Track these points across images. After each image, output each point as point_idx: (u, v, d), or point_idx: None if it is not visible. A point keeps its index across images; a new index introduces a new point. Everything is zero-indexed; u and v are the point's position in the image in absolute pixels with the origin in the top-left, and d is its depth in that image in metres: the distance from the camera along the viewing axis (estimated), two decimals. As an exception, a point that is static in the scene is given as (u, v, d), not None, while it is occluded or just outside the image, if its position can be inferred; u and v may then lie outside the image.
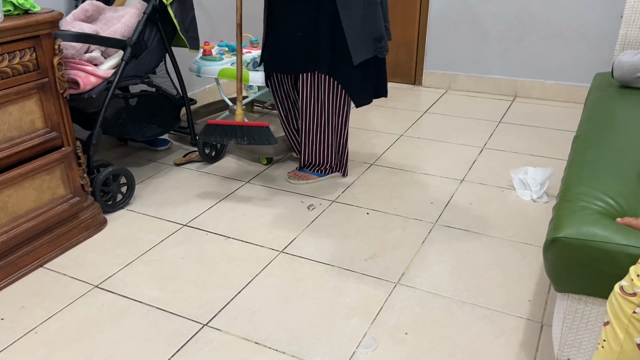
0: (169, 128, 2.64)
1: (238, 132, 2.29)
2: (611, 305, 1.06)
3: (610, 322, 1.06)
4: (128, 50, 2.22)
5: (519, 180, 2.41)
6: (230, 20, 3.67)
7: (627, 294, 1.03)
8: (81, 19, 2.29)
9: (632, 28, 2.37)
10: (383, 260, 1.96)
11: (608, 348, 1.06)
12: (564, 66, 3.52)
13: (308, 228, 2.16)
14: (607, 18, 3.30)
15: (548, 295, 1.76)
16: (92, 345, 1.58)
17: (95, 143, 2.19)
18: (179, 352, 1.55)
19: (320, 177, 2.54)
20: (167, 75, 2.79)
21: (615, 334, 1.05)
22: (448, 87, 3.89)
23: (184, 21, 2.45)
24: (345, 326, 1.64)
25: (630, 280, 1.02)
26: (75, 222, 2.06)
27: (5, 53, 1.71)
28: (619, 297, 1.04)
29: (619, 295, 1.04)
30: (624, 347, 1.04)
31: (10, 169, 1.80)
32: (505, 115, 3.37)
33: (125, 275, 1.89)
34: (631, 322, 1.02)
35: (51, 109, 1.90)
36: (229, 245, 2.06)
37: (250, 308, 1.72)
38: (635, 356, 1.04)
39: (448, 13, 3.69)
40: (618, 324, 1.04)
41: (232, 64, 2.81)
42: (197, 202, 2.37)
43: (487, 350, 1.55)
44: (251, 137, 2.29)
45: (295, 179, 2.51)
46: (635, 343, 1.03)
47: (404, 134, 3.09)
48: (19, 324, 1.66)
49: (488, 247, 2.02)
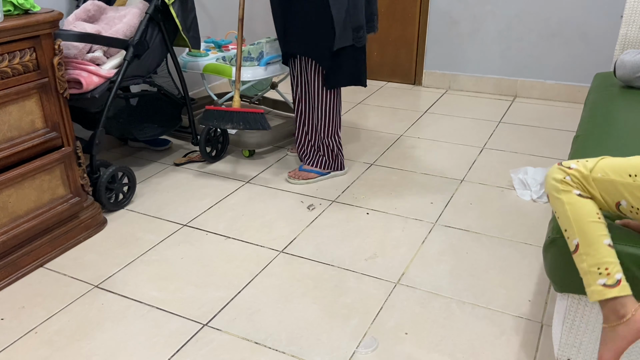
0: (169, 128, 2.65)
1: (235, 118, 2.44)
2: (548, 185, 1.23)
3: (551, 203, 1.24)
4: (130, 50, 2.22)
5: (519, 180, 2.41)
6: (230, 19, 3.67)
7: (563, 166, 1.21)
8: (83, 19, 2.29)
9: (632, 28, 2.37)
10: (383, 260, 1.96)
11: (560, 211, 1.21)
12: (564, 66, 3.52)
13: (308, 228, 2.16)
14: (607, 18, 3.30)
15: (548, 295, 1.76)
16: (92, 345, 1.58)
17: (98, 142, 2.19)
18: (179, 352, 1.55)
19: (320, 175, 2.54)
20: (168, 75, 2.80)
21: (556, 202, 1.21)
22: (448, 87, 3.89)
23: (186, 21, 2.45)
24: (345, 326, 1.64)
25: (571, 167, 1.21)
26: (75, 222, 2.06)
27: (5, 53, 1.71)
28: (555, 171, 1.22)
29: (556, 168, 1.22)
30: (568, 202, 1.19)
31: (10, 169, 1.80)
32: (505, 115, 3.37)
33: (125, 275, 1.89)
34: (564, 185, 1.20)
35: (51, 109, 1.90)
36: (229, 245, 2.06)
37: (250, 308, 1.72)
38: (579, 204, 1.18)
39: (448, 13, 3.69)
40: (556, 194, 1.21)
41: (217, 59, 2.86)
42: (197, 202, 2.37)
43: (487, 350, 1.55)
44: (247, 122, 2.43)
45: (295, 178, 2.52)
46: (575, 194, 1.19)
47: (404, 134, 3.09)
48: (19, 324, 1.66)
49: (488, 247, 2.02)
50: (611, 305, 1.14)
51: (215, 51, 2.96)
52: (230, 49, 3.02)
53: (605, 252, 1.14)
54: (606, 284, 1.13)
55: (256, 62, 2.79)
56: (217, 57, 2.88)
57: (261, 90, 3.18)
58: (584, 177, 1.19)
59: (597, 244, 1.15)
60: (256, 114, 2.42)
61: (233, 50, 2.97)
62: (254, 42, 2.90)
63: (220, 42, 3.04)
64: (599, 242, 1.15)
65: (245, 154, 2.79)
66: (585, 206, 1.17)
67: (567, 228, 1.19)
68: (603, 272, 1.13)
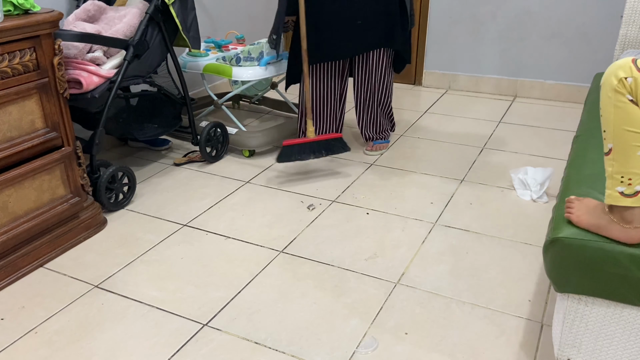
0: (169, 128, 2.65)
1: (315, 147, 2.54)
2: (607, 77, 1.14)
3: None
4: (130, 50, 2.22)
5: (519, 180, 2.41)
6: (230, 19, 3.67)
7: (637, 65, 1.11)
8: (83, 19, 2.29)
9: (632, 28, 2.37)
10: (383, 260, 1.96)
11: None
12: (564, 66, 3.52)
13: (308, 228, 2.16)
14: (607, 18, 3.30)
15: (548, 295, 1.76)
16: (92, 345, 1.58)
17: (98, 142, 2.19)
18: (179, 352, 1.55)
19: (388, 142, 2.88)
20: (168, 75, 2.80)
21: (605, 98, 1.15)
22: (448, 87, 3.89)
23: (186, 21, 2.45)
24: (345, 326, 1.64)
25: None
26: (75, 222, 2.06)
27: (5, 53, 1.71)
28: (624, 65, 1.12)
29: (628, 64, 1.12)
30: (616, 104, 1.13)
31: (10, 169, 1.80)
32: (505, 115, 3.37)
33: (125, 275, 1.89)
34: (620, 85, 1.12)
35: (51, 109, 1.90)
36: (229, 245, 2.06)
37: (250, 308, 1.72)
38: (627, 110, 1.12)
39: (448, 13, 3.69)
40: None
41: (217, 59, 2.88)
42: (197, 202, 2.37)
43: (487, 350, 1.55)
44: (329, 149, 2.56)
45: (374, 151, 2.81)
46: (627, 99, 1.12)
47: (404, 134, 3.09)
48: (19, 324, 1.66)
49: (488, 247, 2.02)
50: (621, 210, 1.17)
51: (215, 51, 2.97)
52: (230, 48, 3.03)
53: (635, 162, 1.13)
54: (624, 192, 1.15)
55: (256, 62, 2.79)
56: (217, 57, 2.89)
57: (261, 90, 3.18)
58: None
59: (629, 154, 1.13)
60: (336, 140, 2.56)
61: (233, 50, 2.98)
62: (254, 42, 2.91)
63: (220, 42, 3.05)
64: (632, 151, 1.13)
65: (245, 154, 2.79)
66: (632, 114, 1.12)
67: (606, 129, 1.16)
68: (625, 181, 1.14)
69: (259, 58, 2.78)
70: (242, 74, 2.71)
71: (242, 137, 2.78)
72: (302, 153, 2.51)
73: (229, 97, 2.96)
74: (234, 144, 2.80)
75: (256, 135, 2.77)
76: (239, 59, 2.82)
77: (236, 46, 3.07)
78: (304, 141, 2.52)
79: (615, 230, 1.19)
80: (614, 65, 1.15)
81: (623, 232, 1.18)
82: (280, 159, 2.52)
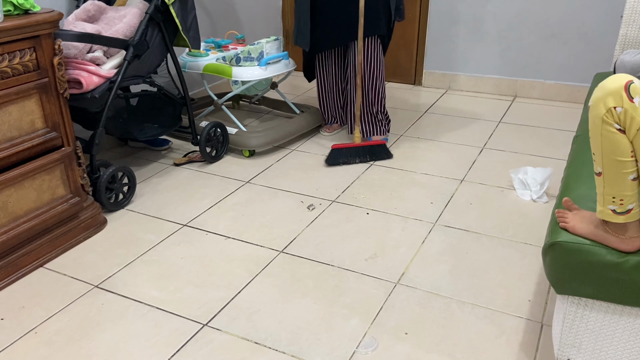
0: (169, 128, 2.65)
1: (361, 152, 2.71)
2: (597, 101, 1.11)
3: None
4: (130, 50, 2.22)
5: (519, 180, 2.41)
6: (230, 18, 3.67)
7: (628, 93, 1.07)
8: (83, 19, 2.29)
9: (632, 28, 2.37)
10: (383, 260, 1.96)
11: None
12: (564, 66, 3.52)
13: (308, 228, 2.16)
14: (607, 18, 3.30)
15: (548, 295, 1.76)
16: (92, 345, 1.58)
17: (98, 142, 2.19)
18: (179, 352, 1.55)
19: (386, 140, 2.85)
20: (168, 75, 2.80)
21: (593, 125, 1.13)
22: (448, 87, 3.89)
23: (186, 21, 2.45)
24: (345, 326, 1.64)
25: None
26: (75, 222, 2.06)
27: (5, 53, 1.71)
28: (615, 91, 1.08)
29: (619, 91, 1.08)
30: (603, 133, 1.11)
31: (10, 169, 1.80)
32: (505, 115, 3.37)
33: (125, 275, 1.89)
34: (608, 114, 1.09)
35: (51, 109, 1.90)
36: (229, 245, 2.06)
37: (250, 308, 1.72)
38: (615, 139, 1.10)
39: (448, 13, 3.69)
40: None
41: (217, 59, 2.90)
42: (197, 202, 2.37)
43: (487, 350, 1.55)
44: (373, 154, 2.72)
45: None
46: (614, 128, 1.10)
47: (404, 134, 3.09)
48: (19, 324, 1.66)
49: (488, 247, 2.02)
50: (615, 224, 1.19)
51: (215, 51, 2.98)
52: (230, 48, 3.03)
53: (625, 186, 1.14)
54: (616, 210, 1.17)
55: (256, 63, 2.79)
56: (217, 57, 2.89)
57: (261, 90, 3.18)
58: (633, 120, 1.08)
59: (620, 180, 1.13)
60: (380, 145, 2.73)
61: (233, 50, 2.98)
62: (253, 42, 2.91)
63: (220, 42, 3.05)
64: (622, 178, 1.13)
65: (246, 154, 2.79)
66: (620, 143, 1.10)
67: (595, 152, 1.16)
68: (617, 201, 1.16)
69: (259, 58, 2.78)
70: (242, 74, 2.72)
71: (242, 137, 2.78)
72: (349, 157, 2.69)
73: (229, 97, 2.96)
74: (234, 144, 2.81)
75: (256, 136, 2.77)
76: (238, 59, 2.82)
77: (236, 46, 3.08)
78: (351, 145, 2.70)
79: (612, 241, 1.20)
80: (604, 89, 1.10)
81: (619, 242, 1.19)
82: (329, 161, 2.68)
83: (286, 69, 2.87)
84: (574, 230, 1.25)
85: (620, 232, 1.19)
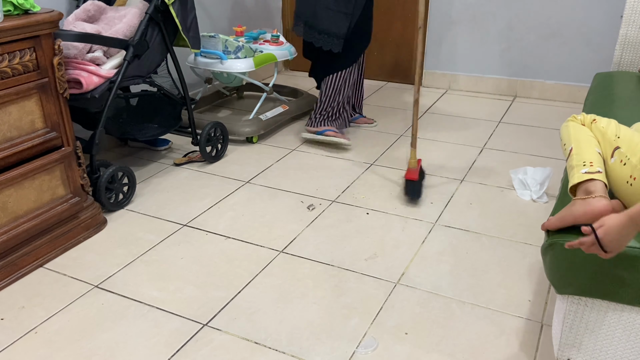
0: (169, 128, 2.65)
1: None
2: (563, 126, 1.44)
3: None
4: (130, 50, 2.22)
5: (519, 180, 2.41)
6: (230, 18, 3.67)
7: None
8: (83, 19, 2.29)
9: (632, 28, 2.37)
10: (383, 260, 1.96)
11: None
12: (564, 66, 3.52)
13: (308, 228, 2.16)
14: (607, 18, 3.30)
15: (548, 295, 1.76)
16: (92, 345, 1.58)
17: (98, 142, 2.19)
18: (179, 352, 1.55)
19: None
20: (168, 75, 2.80)
21: (563, 129, 1.44)
22: (448, 87, 3.89)
23: (186, 21, 2.45)
24: (345, 326, 1.64)
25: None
26: (75, 222, 2.06)
27: (5, 53, 1.71)
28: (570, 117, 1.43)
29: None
30: (572, 126, 1.41)
31: (10, 169, 1.80)
32: (505, 115, 3.37)
33: (125, 275, 1.89)
34: (573, 118, 1.43)
35: (51, 109, 1.90)
36: (229, 245, 2.06)
37: (250, 308, 1.72)
38: (582, 128, 1.39)
39: (448, 13, 3.69)
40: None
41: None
42: (197, 202, 2.37)
43: (487, 350, 1.55)
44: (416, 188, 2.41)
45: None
46: (580, 124, 1.41)
47: (404, 134, 3.09)
48: (19, 324, 1.66)
49: (488, 247, 2.02)
50: (585, 185, 1.24)
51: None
52: (260, 44, 3.16)
53: (593, 154, 1.29)
54: (588, 171, 1.26)
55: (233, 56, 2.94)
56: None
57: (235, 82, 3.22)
58: (589, 123, 1.39)
59: (588, 149, 1.31)
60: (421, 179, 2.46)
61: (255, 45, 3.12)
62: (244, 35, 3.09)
63: (257, 34, 3.22)
64: (589, 147, 1.31)
65: (255, 140, 2.96)
66: (585, 129, 1.37)
67: (565, 142, 1.38)
68: (587, 164, 1.27)
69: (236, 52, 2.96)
70: (233, 65, 2.90)
71: (234, 127, 2.92)
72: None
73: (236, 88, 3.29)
74: (230, 132, 2.92)
75: (246, 124, 2.94)
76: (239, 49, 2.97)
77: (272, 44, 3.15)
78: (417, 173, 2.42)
79: (577, 208, 1.23)
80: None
81: (584, 205, 1.22)
82: (416, 195, 2.36)
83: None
84: (549, 225, 1.30)
85: (587, 191, 1.23)
